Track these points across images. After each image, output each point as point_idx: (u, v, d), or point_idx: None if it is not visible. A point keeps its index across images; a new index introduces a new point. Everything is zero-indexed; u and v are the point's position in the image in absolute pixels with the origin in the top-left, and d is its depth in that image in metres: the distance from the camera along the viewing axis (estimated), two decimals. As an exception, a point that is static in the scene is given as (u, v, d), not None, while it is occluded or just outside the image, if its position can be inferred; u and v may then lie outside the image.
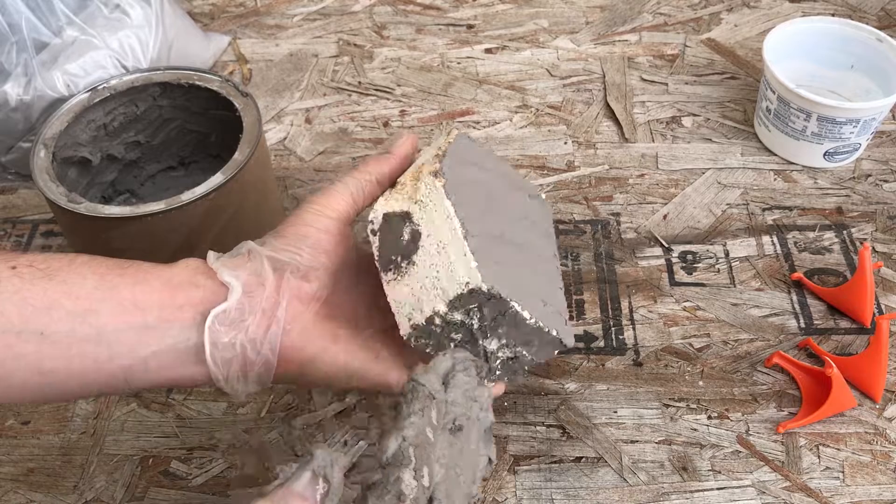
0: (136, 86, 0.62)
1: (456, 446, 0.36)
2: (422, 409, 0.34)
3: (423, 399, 0.35)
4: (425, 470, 0.33)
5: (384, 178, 0.47)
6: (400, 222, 0.43)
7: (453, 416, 0.36)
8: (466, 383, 0.37)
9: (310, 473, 0.33)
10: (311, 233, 0.44)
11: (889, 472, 0.52)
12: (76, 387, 0.39)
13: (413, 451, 0.33)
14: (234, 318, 0.40)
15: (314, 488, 0.33)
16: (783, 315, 0.61)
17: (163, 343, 0.40)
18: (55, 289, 0.38)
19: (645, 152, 0.74)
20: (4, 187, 0.73)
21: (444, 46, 0.86)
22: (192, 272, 0.41)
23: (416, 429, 0.34)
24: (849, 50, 0.74)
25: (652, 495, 0.52)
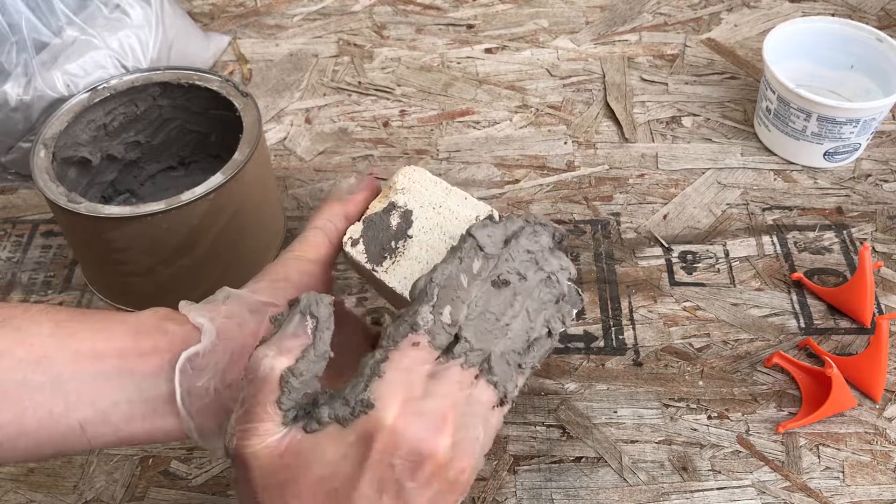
0: (136, 86, 0.62)
1: (500, 299, 0.37)
2: (462, 257, 0.37)
3: (468, 249, 0.37)
4: (447, 309, 0.35)
5: (353, 214, 0.45)
6: (384, 216, 0.43)
7: (501, 271, 0.37)
8: (529, 245, 0.38)
9: (298, 315, 0.35)
10: (293, 276, 0.42)
11: (889, 472, 0.52)
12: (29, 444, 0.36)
13: (438, 290, 0.35)
14: (208, 362, 0.38)
15: (304, 325, 0.35)
16: (783, 315, 0.61)
17: (124, 393, 0.37)
18: (7, 336, 0.36)
19: (645, 152, 0.74)
20: (4, 187, 0.73)
21: (444, 46, 0.86)
22: (160, 319, 0.39)
23: (446, 272, 0.36)
24: (849, 50, 0.74)
25: (652, 495, 0.52)
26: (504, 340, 0.37)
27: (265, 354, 0.34)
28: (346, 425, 0.33)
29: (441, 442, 0.33)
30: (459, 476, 0.34)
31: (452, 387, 0.35)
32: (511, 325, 0.37)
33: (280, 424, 0.34)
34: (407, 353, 0.35)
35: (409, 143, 0.76)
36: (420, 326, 0.35)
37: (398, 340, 0.35)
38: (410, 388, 0.34)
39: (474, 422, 0.35)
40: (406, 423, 0.33)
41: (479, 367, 0.36)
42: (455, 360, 0.35)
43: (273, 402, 0.34)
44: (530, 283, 0.38)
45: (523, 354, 0.37)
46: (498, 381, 0.36)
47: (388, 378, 0.34)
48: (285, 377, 0.34)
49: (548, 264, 0.38)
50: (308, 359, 0.35)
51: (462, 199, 0.43)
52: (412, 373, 0.34)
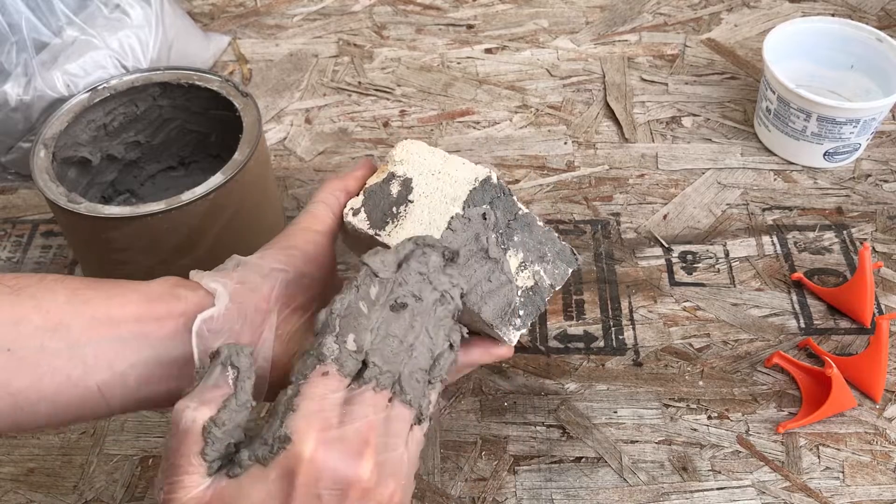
0: (136, 86, 0.62)
1: (400, 322, 0.38)
2: (358, 286, 0.37)
3: (363, 277, 0.38)
4: (350, 336, 0.36)
5: (353, 188, 0.46)
6: (384, 186, 0.44)
7: (397, 295, 0.38)
8: (420, 267, 0.39)
9: (219, 367, 0.35)
10: (301, 244, 0.43)
11: (889, 472, 0.52)
12: (49, 408, 0.37)
13: (339, 320, 0.36)
14: (223, 325, 0.38)
15: (225, 376, 0.35)
16: (783, 315, 0.61)
17: (141, 356, 0.38)
18: (23, 304, 0.36)
19: (645, 152, 0.74)
20: (4, 187, 0.73)
21: (444, 46, 0.86)
22: (172, 285, 0.40)
23: (344, 302, 0.37)
24: (849, 50, 0.74)
25: (652, 495, 0.52)
26: (410, 361, 0.37)
27: (186, 406, 0.34)
28: (266, 464, 0.33)
29: (363, 466, 0.33)
30: (391, 499, 0.35)
31: (368, 410, 0.35)
32: (414, 344, 0.38)
33: (205, 475, 0.34)
34: (317, 384, 0.35)
35: None
36: (326, 357, 0.35)
37: (307, 373, 0.35)
38: (325, 417, 0.34)
39: (396, 442, 0.35)
40: (325, 453, 0.33)
41: (391, 389, 0.36)
42: (367, 384, 0.35)
43: (197, 453, 0.34)
44: (426, 303, 0.39)
45: (431, 370, 0.38)
46: (412, 400, 0.37)
47: (302, 410, 0.34)
48: (207, 428, 0.34)
49: (440, 283, 0.39)
50: (230, 408, 0.34)
51: (460, 164, 0.44)
52: (325, 401, 0.34)
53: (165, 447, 0.34)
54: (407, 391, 0.37)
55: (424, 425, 0.38)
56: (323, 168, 0.74)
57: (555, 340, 0.60)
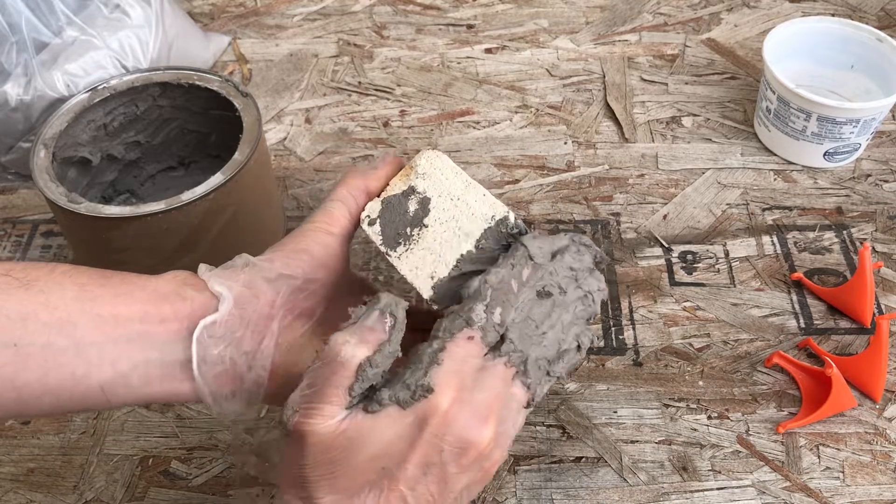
0: (136, 86, 0.62)
1: (541, 308, 0.39)
2: (514, 264, 0.39)
3: (520, 257, 0.39)
4: (498, 309, 0.38)
5: (374, 189, 0.45)
6: (403, 199, 0.43)
7: (546, 283, 0.39)
8: (573, 263, 0.40)
9: (378, 311, 0.37)
10: (312, 247, 0.42)
11: (889, 472, 0.52)
12: (52, 401, 0.38)
13: (491, 291, 0.38)
14: (225, 331, 0.39)
15: (383, 322, 0.37)
16: (783, 315, 0.61)
17: (144, 356, 0.38)
18: (32, 299, 0.37)
19: (645, 152, 0.74)
20: (4, 187, 0.73)
21: (444, 46, 0.86)
22: (180, 284, 0.40)
23: (499, 276, 0.38)
24: (849, 50, 0.74)
25: (652, 495, 0.52)
26: (540, 347, 0.39)
27: (346, 341, 0.36)
28: (405, 407, 0.35)
29: (486, 432, 0.36)
30: (492, 467, 0.38)
31: (497, 382, 0.37)
32: (547, 333, 0.39)
33: (344, 408, 0.35)
34: (462, 346, 0.37)
35: (409, 143, 0.76)
36: (474, 322, 0.37)
37: (454, 332, 0.37)
38: (463, 378, 0.36)
39: (510, 417, 0.38)
40: (458, 411, 0.35)
41: (517, 368, 0.38)
42: (501, 357, 0.38)
43: (346, 386, 0.35)
44: (569, 298, 0.40)
45: (553, 363, 0.40)
46: (531, 384, 0.39)
47: (446, 367, 0.36)
48: (363, 366, 0.35)
49: (586, 283, 0.41)
50: (383, 353, 0.36)
51: (481, 195, 0.43)
52: (466, 364, 0.36)
53: (313, 373, 0.36)
54: (530, 374, 0.38)
55: (528, 410, 0.40)
56: (323, 168, 0.74)
57: (555, 340, 0.60)
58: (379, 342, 0.36)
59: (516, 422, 0.39)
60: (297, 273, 0.41)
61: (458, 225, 0.42)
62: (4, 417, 0.39)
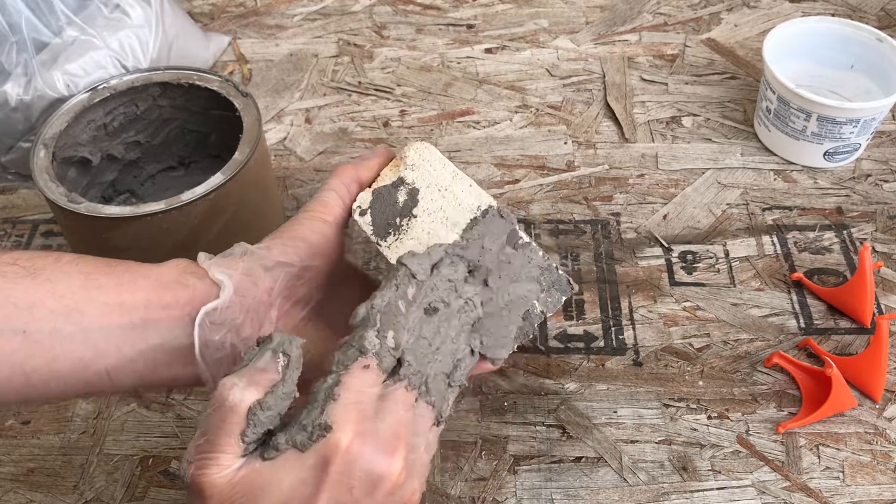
0: (136, 86, 0.62)
1: (430, 325, 0.39)
2: (397, 284, 0.38)
3: (402, 277, 0.39)
4: (390, 333, 0.37)
5: (365, 179, 0.46)
6: (392, 190, 0.44)
7: (430, 300, 0.39)
8: (451, 275, 0.40)
9: (270, 352, 0.36)
10: (308, 235, 0.43)
11: (889, 471, 0.52)
12: (60, 386, 0.38)
13: (380, 316, 0.37)
14: (225, 317, 0.39)
15: (275, 362, 0.35)
16: (783, 315, 0.61)
17: (149, 343, 0.39)
18: (39, 287, 0.37)
19: (645, 152, 0.74)
20: (4, 187, 0.73)
21: (444, 46, 0.86)
22: (181, 272, 0.40)
23: (385, 299, 0.37)
24: (849, 50, 0.74)
25: (652, 495, 0.52)
26: (436, 363, 0.38)
27: (234, 384, 0.35)
28: (304, 450, 0.34)
29: (395, 462, 0.34)
30: (411, 497, 0.36)
31: (399, 407, 0.36)
32: (440, 348, 0.39)
33: (239, 456, 0.34)
34: (358, 376, 0.36)
35: (409, 143, 0.75)
36: (368, 350, 0.36)
37: (348, 364, 0.36)
38: (363, 409, 0.35)
39: (419, 442, 0.37)
40: (361, 445, 0.34)
41: (418, 390, 0.37)
42: (400, 381, 0.36)
43: (237, 433, 0.34)
44: (452, 309, 0.40)
45: (451, 374, 0.39)
46: (435, 401, 0.38)
47: (343, 401, 0.35)
48: (253, 410, 0.34)
49: (465, 291, 0.41)
50: (276, 395, 0.35)
51: (467, 185, 0.44)
52: (364, 394, 0.35)
53: (204, 421, 0.35)
54: (432, 392, 0.38)
55: (440, 428, 0.39)
56: (323, 168, 0.74)
57: (555, 340, 0.60)
58: (271, 383, 0.35)
59: (429, 444, 0.38)
60: (293, 260, 0.42)
61: (446, 215, 0.43)
62: (14, 402, 0.39)
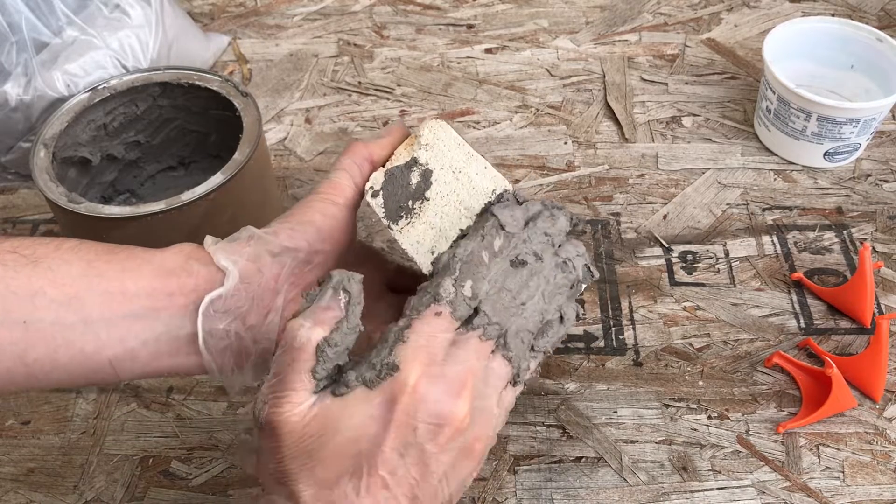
0: (136, 86, 0.62)
1: (516, 278, 0.38)
2: (483, 235, 0.38)
3: (490, 228, 0.38)
4: (468, 283, 0.37)
5: (378, 158, 0.45)
6: (406, 171, 0.43)
7: (520, 252, 0.39)
8: (547, 228, 0.39)
9: (331, 290, 0.36)
10: (317, 219, 0.42)
11: (889, 472, 0.52)
12: (62, 376, 0.38)
13: (460, 265, 0.37)
14: (230, 305, 0.39)
15: (337, 300, 0.36)
16: (783, 315, 0.61)
17: (152, 332, 0.38)
18: (40, 276, 0.37)
19: (645, 152, 0.74)
20: (4, 187, 0.73)
21: (444, 46, 0.86)
22: (185, 258, 0.40)
23: (468, 248, 0.38)
24: (849, 50, 0.74)
25: (652, 495, 0.52)
26: (519, 319, 0.38)
27: (301, 325, 0.35)
28: (372, 387, 0.35)
29: (460, 406, 0.35)
30: (475, 444, 0.36)
31: (471, 355, 0.36)
32: (527, 304, 0.38)
33: (311, 392, 0.35)
34: (429, 322, 0.36)
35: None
36: (442, 298, 0.36)
37: (421, 310, 0.36)
38: (432, 353, 0.35)
39: (490, 393, 0.37)
40: (428, 386, 0.35)
41: (495, 342, 0.37)
42: (474, 331, 0.37)
43: (308, 370, 0.35)
44: (546, 265, 0.39)
45: (537, 336, 0.39)
46: (513, 357, 0.37)
47: (412, 343, 0.35)
48: (321, 347, 0.35)
49: (564, 250, 0.40)
50: (341, 331, 0.36)
51: (482, 167, 0.43)
52: (434, 339, 0.36)
53: (276, 362, 0.36)
54: (511, 348, 0.37)
55: (518, 388, 0.39)
56: (323, 168, 0.74)
57: (555, 340, 0.60)
58: (336, 320, 0.36)
59: (502, 399, 0.38)
60: (301, 246, 0.41)
61: (459, 199, 0.42)
62: (17, 392, 0.39)
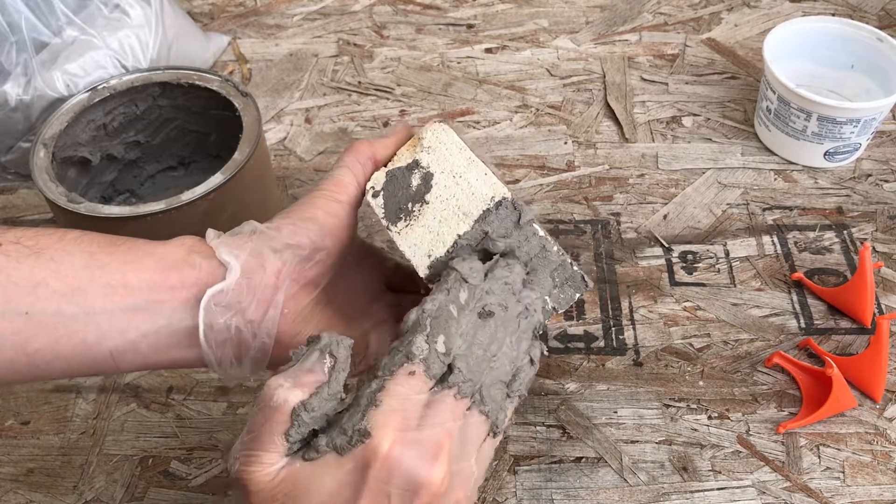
0: (136, 86, 0.62)
1: (485, 330, 0.37)
2: (448, 289, 0.37)
3: (453, 281, 0.38)
4: (440, 338, 0.36)
5: (381, 157, 0.45)
6: (407, 173, 0.43)
7: (485, 303, 0.38)
8: (507, 277, 0.39)
9: (317, 352, 0.36)
10: (320, 216, 0.42)
11: (889, 472, 0.52)
12: (63, 367, 0.38)
13: (430, 321, 0.36)
14: (231, 300, 0.39)
15: (321, 363, 0.35)
16: (783, 315, 0.61)
17: (153, 325, 0.38)
18: (42, 267, 0.37)
19: (645, 152, 0.74)
20: (4, 187, 0.73)
21: (444, 46, 0.86)
22: (188, 251, 0.40)
23: (436, 303, 0.37)
24: (849, 50, 0.74)
25: (652, 495, 0.52)
26: (492, 371, 0.37)
27: (280, 384, 0.35)
28: (343, 454, 0.34)
29: (436, 471, 0.33)
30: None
31: (447, 416, 0.35)
32: (497, 355, 0.38)
33: (283, 455, 0.34)
34: (402, 383, 0.35)
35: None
36: (415, 356, 0.35)
37: (394, 370, 0.35)
38: (406, 417, 0.34)
39: (468, 452, 0.36)
40: (401, 452, 0.33)
41: (471, 398, 0.36)
42: (449, 389, 0.35)
43: (281, 433, 0.34)
44: (511, 314, 0.38)
45: (510, 384, 0.38)
46: (489, 411, 0.36)
47: (384, 407, 0.34)
48: (297, 411, 0.34)
49: (524, 296, 0.39)
50: (321, 396, 0.35)
51: (482, 173, 0.42)
52: (408, 401, 0.35)
53: (251, 419, 0.35)
54: (486, 402, 0.36)
55: (497, 439, 0.38)
56: (323, 168, 0.74)
57: (555, 340, 0.60)
58: (317, 385, 0.35)
59: (482, 454, 0.37)
60: (303, 242, 0.41)
61: (458, 204, 0.42)
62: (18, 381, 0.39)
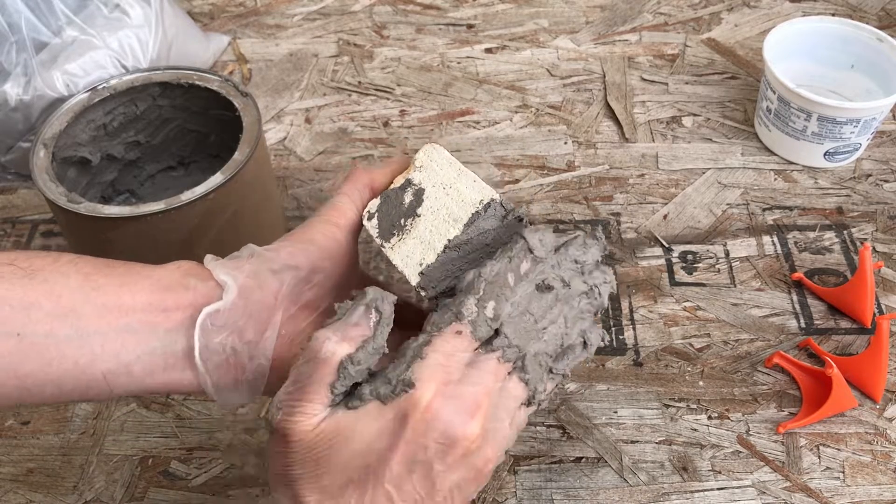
0: (136, 86, 0.62)
1: (541, 302, 0.38)
2: (511, 257, 0.38)
3: (518, 250, 0.38)
4: (491, 303, 0.37)
5: (379, 185, 0.45)
6: (400, 192, 0.44)
7: (547, 276, 0.38)
8: (578, 255, 0.39)
9: (363, 307, 0.37)
10: (318, 238, 0.42)
11: (889, 472, 0.52)
12: (55, 391, 0.37)
13: (484, 285, 0.37)
14: (228, 319, 0.39)
15: (367, 317, 0.36)
16: (783, 315, 0.61)
17: (147, 346, 0.38)
18: (35, 288, 0.36)
19: (645, 152, 0.74)
20: (4, 187, 0.73)
21: (444, 46, 0.86)
22: (183, 274, 0.40)
23: (494, 269, 0.37)
24: (849, 50, 0.74)
25: (652, 495, 0.52)
26: (539, 343, 0.38)
27: (328, 338, 0.36)
28: (385, 402, 0.35)
29: (472, 426, 0.35)
30: (485, 466, 0.36)
31: (488, 377, 0.36)
32: (548, 328, 0.38)
33: (327, 405, 0.35)
34: (449, 340, 0.36)
35: (409, 143, 0.76)
36: (464, 316, 0.36)
37: (442, 327, 0.36)
38: (449, 372, 0.35)
39: (503, 415, 0.37)
40: (441, 405, 0.35)
41: (513, 364, 0.37)
42: (493, 352, 0.37)
43: (327, 384, 0.35)
44: (573, 292, 0.39)
45: (556, 360, 0.39)
46: (529, 380, 0.38)
47: (429, 361, 0.35)
48: (344, 364, 0.35)
49: (592, 277, 0.40)
50: (366, 350, 0.36)
51: (471, 181, 0.43)
52: (452, 358, 0.36)
53: (296, 370, 0.36)
54: (528, 370, 0.37)
55: (532, 409, 0.39)
56: (323, 168, 0.74)
57: (555, 340, 0.60)
58: (363, 338, 0.36)
59: (515, 420, 0.38)
60: (302, 264, 0.41)
61: (448, 212, 0.43)
62: (7, 405, 0.39)
